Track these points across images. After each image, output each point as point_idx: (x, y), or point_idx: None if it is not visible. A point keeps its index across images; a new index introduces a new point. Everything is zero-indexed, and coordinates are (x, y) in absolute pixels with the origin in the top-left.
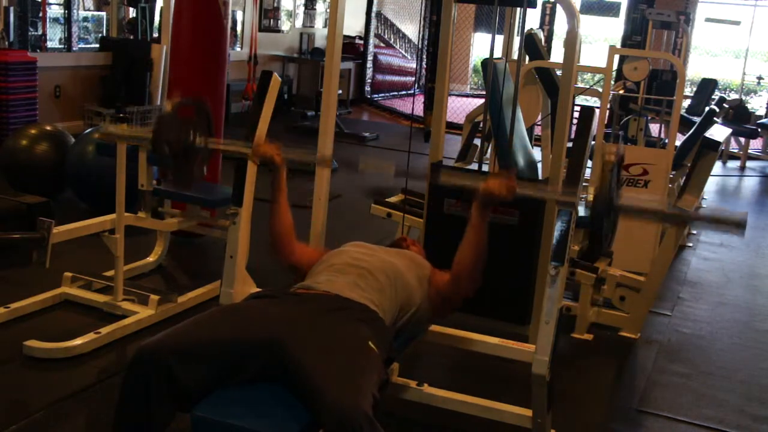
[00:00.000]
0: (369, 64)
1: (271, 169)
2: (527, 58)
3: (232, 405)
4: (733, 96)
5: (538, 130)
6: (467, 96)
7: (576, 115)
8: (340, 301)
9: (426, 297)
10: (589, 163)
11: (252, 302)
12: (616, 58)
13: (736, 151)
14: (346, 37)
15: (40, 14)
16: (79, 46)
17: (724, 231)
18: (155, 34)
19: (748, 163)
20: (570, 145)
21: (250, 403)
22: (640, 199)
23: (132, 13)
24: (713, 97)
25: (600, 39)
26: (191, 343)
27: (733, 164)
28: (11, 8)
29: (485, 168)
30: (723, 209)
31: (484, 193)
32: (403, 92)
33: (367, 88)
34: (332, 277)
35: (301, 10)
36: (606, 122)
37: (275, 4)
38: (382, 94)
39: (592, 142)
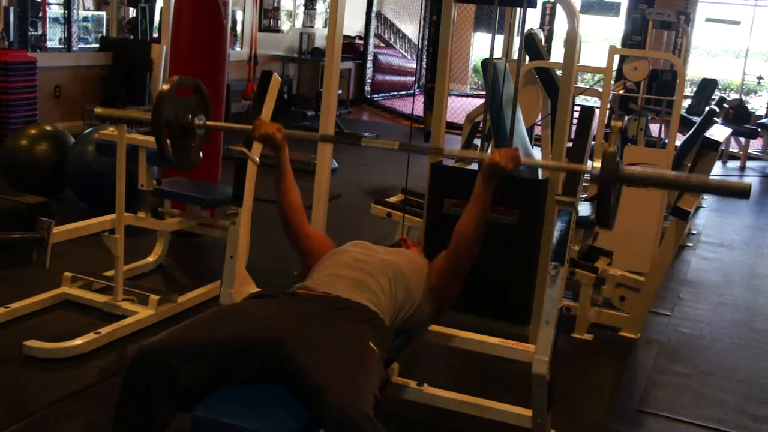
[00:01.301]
0: (369, 64)
1: (273, 148)
2: (527, 58)
3: (232, 405)
4: (733, 96)
5: (538, 130)
6: (467, 96)
7: (576, 115)
8: (339, 301)
9: (426, 294)
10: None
11: (252, 302)
12: (616, 58)
13: (736, 151)
14: (346, 37)
15: (40, 14)
16: (79, 46)
17: (729, 196)
18: (155, 34)
19: (748, 163)
20: (570, 145)
21: (250, 403)
22: (643, 170)
23: (132, 13)
24: (713, 97)
25: (600, 39)
26: (191, 343)
27: (733, 164)
28: (11, 8)
29: None
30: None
31: (489, 163)
32: (403, 92)
33: (367, 88)
34: (332, 277)
35: (301, 10)
36: (606, 122)
37: (275, 4)
38: (382, 94)
39: (592, 142)
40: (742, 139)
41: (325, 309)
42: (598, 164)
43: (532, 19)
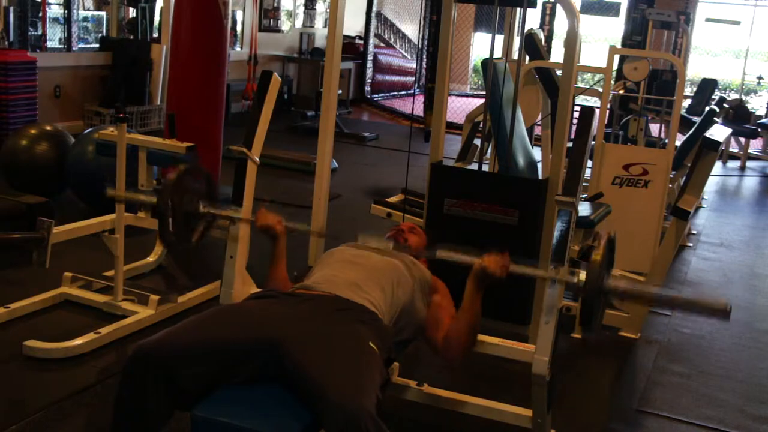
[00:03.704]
0: (369, 64)
1: (271, 238)
2: (527, 58)
3: (232, 405)
4: (733, 96)
5: (538, 130)
6: (467, 96)
7: (576, 115)
8: (339, 301)
9: (424, 297)
10: (590, 163)
11: (251, 302)
12: (616, 58)
13: (736, 151)
14: (346, 37)
15: (40, 14)
16: (79, 46)
17: (707, 316)
18: (155, 34)
19: (748, 163)
20: (570, 145)
21: (250, 403)
22: (631, 282)
23: (132, 13)
24: (713, 97)
25: (600, 39)
26: (190, 343)
27: (733, 164)
28: (11, 8)
29: (485, 168)
30: (705, 296)
31: (479, 269)
32: (403, 92)
33: (367, 88)
34: (332, 277)
35: (301, 10)
36: (606, 122)
37: (275, 4)
38: (382, 94)
39: (592, 142)
40: (742, 139)
41: (325, 309)
42: (583, 277)
43: (532, 19)
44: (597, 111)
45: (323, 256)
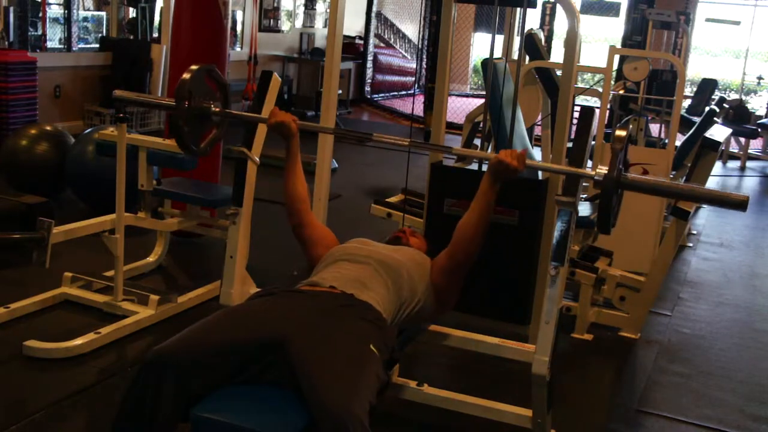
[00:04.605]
0: (369, 64)
1: (285, 137)
2: (527, 58)
3: (232, 405)
4: (733, 96)
5: (538, 130)
6: (467, 96)
7: (576, 115)
8: (345, 298)
9: (428, 290)
10: (590, 164)
11: (257, 301)
12: (616, 58)
13: (736, 151)
14: (346, 37)
15: (40, 14)
16: (79, 46)
17: (727, 207)
18: (155, 34)
19: (748, 163)
20: (570, 145)
21: (250, 403)
22: (645, 178)
23: (132, 13)
24: (713, 97)
25: (600, 39)
26: (204, 348)
27: (733, 164)
28: (11, 8)
29: (485, 168)
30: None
31: (495, 162)
32: (403, 92)
33: (367, 88)
34: (337, 273)
35: (301, 10)
36: (606, 122)
37: (275, 4)
38: (382, 94)
39: (592, 142)
40: (742, 139)
41: (330, 306)
42: (603, 170)
43: (532, 19)
44: (597, 111)
45: (329, 252)
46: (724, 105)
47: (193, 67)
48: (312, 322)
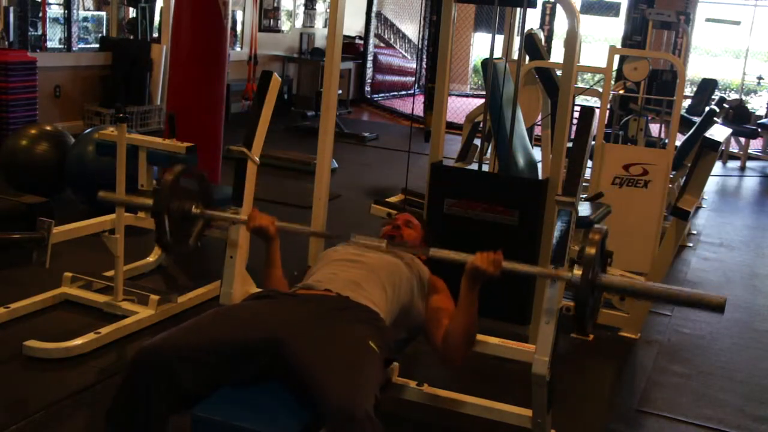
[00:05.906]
0: (369, 64)
1: (264, 240)
2: (527, 58)
3: (232, 405)
4: (733, 96)
5: (538, 130)
6: (467, 96)
7: (576, 115)
8: (340, 300)
9: (423, 296)
10: (590, 164)
11: (252, 302)
12: (616, 58)
13: (736, 151)
14: (346, 37)
15: (40, 14)
16: (79, 46)
17: (704, 310)
18: (155, 34)
19: (748, 163)
20: (570, 145)
21: (250, 403)
22: (622, 278)
23: (132, 13)
24: (713, 97)
25: (600, 39)
26: (193, 344)
27: (733, 164)
28: (11, 8)
29: (485, 168)
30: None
31: (471, 267)
32: (403, 92)
33: (367, 88)
34: (332, 276)
35: (301, 10)
36: (606, 122)
37: (275, 4)
38: (382, 94)
39: (592, 142)
40: (742, 139)
41: (326, 309)
42: (578, 272)
43: (532, 19)
44: (597, 111)
45: (323, 254)
46: (724, 105)
47: (168, 176)
48: (309, 324)
